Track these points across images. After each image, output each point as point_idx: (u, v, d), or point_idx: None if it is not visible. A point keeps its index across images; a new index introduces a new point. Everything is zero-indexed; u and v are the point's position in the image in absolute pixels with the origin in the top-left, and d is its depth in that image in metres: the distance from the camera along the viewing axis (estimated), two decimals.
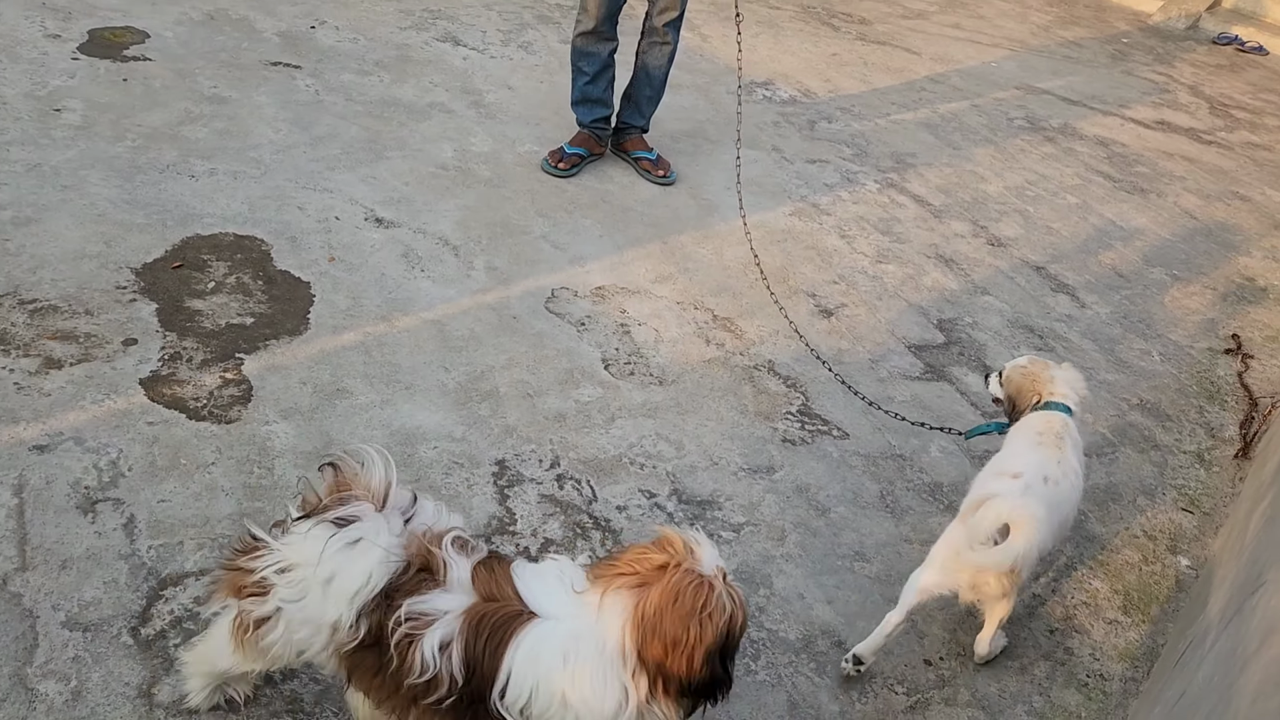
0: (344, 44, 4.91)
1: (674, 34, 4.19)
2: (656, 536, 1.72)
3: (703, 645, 1.60)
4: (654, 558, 1.67)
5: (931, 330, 3.77)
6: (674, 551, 1.66)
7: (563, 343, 3.28)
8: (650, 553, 1.68)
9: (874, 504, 2.91)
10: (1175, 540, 3.03)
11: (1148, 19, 8.65)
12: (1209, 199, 5.37)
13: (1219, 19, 8.63)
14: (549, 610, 1.67)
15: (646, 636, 1.60)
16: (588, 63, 4.21)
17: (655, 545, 1.70)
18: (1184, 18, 8.56)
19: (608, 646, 1.62)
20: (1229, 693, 1.46)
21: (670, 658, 1.60)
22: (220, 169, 3.72)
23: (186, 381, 2.77)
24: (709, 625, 1.61)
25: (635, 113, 4.41)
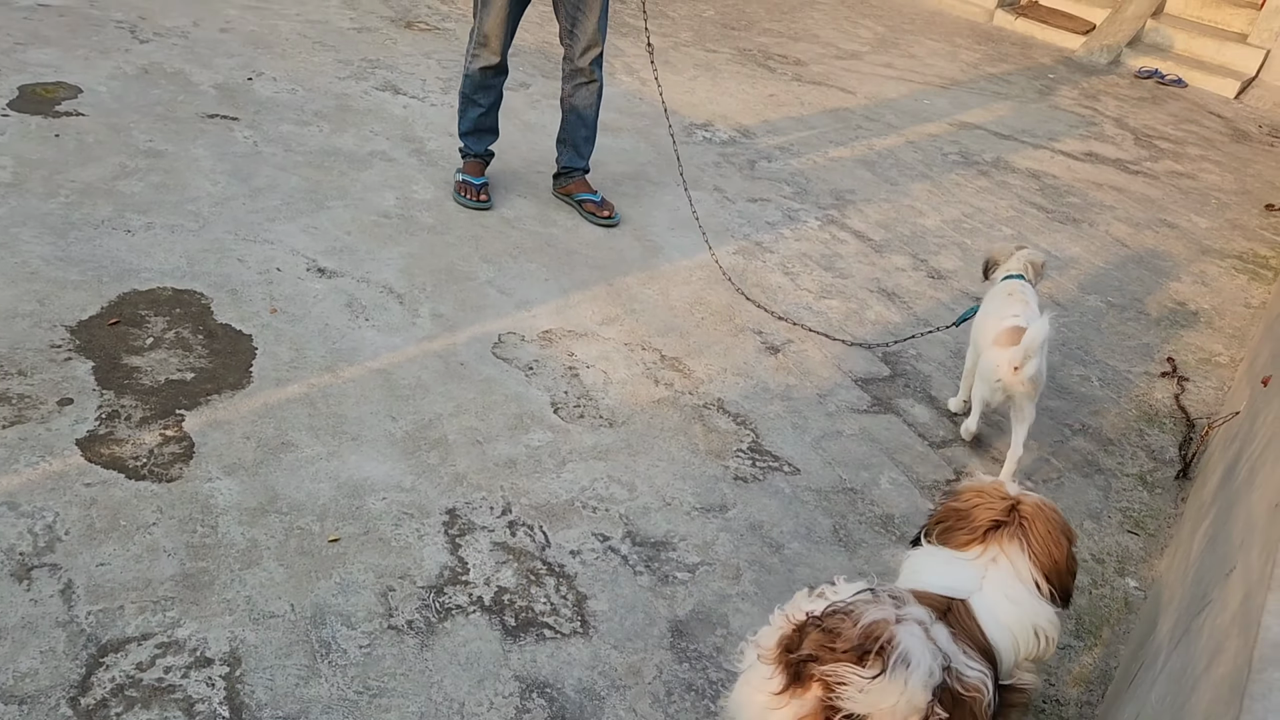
0: (282, 95, 4.89)
1: (598, 71, 4.25)
2: (959, 491, 2.18)
3: (1071, 551, 2.07)
4: (984, 510, 2.09)
5: (877, 364, 3.81)
6: (992, 495, 2.12)
7: (511, 388, 3.26)
8: (974, 506, 2.11)
9: (827, 539, 2.92)
10: (1123, 562, 3.07)
11: (1072, 54, 8.94)
12: (1138, 227, 5.54)
13: (1139, 53, 8.96)
14: (964, 588, 1.98)
15: (1050, 566, 2.03)
16: (485, 95, 4.25)
17: (967, 499, 2.14)
18: (1106, 52, 8.87)
19: (1027, 582, 2.02)
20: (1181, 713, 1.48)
21: (1060, 571, 2.05)
22: (157, 223, 3.67)
23: (125, 440, 2.70)
24: (1068, 533, 2.09)
25: (575, 155, 4.44)
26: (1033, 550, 2.04)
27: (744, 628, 2.56)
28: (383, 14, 6.25)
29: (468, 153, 4.38)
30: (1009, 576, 2.03)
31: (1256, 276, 5.25)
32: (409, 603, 2.43)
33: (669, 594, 2.62)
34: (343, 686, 2.20)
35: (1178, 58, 8.97)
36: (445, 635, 2.37)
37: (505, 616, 2.45)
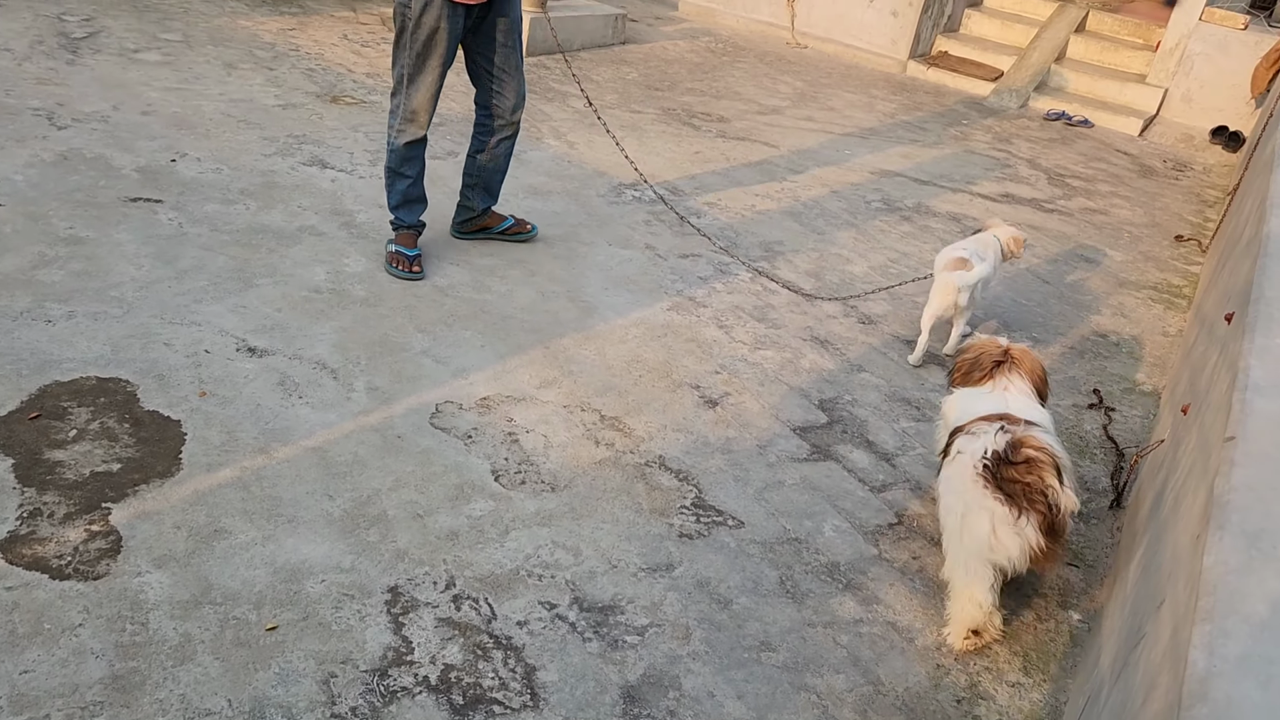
0: (207, 175, 4.85)
1: (520, 120, 4.48)
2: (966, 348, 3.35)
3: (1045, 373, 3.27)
4: (987, 356, 3.22)
5: (814, 411, 3.85)
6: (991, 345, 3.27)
7: (450, 458, 3.23)
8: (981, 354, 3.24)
9: (775, 591, 2.92)
10: (1065, 595, 3.12)
11: (983, 100, 9.26)
12: (1056, 263, 5.71)
13: (1047, 96, 9.31)
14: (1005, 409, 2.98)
15: (1038, 382, 3.18)
16: (411, 166, 4.32)
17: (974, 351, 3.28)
18: (1015, 97, 9.20)
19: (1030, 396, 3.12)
20: None
21: (1043, 387, 3.21)
22: (79, 311, 3.60)
23: (49, 539, 2.61)
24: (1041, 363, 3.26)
25: (486, 195, 4.65)
26: (1027, 377, 3.15)
27: (697, 689, 2.54)
28: (308, 89, 6.26)
29: (399, 224, 4.39)
30: (1021, 394, 3.09)
31: (1172, 305, 5.43)
32: (352, 688, 2.37)
33: (619, 659, 2.59)
34: None
35: (1083, 99, 9.34)
36: None
37: (453, 695, 2.40)
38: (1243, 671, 1.25)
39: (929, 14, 9.78)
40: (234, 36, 7.03)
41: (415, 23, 4.00)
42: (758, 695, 2.56)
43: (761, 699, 2.55)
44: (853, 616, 2.87)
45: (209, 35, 6.94)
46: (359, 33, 7.74)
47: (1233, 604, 1.37)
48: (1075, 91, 9.53)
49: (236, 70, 6.35)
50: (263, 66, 6.52)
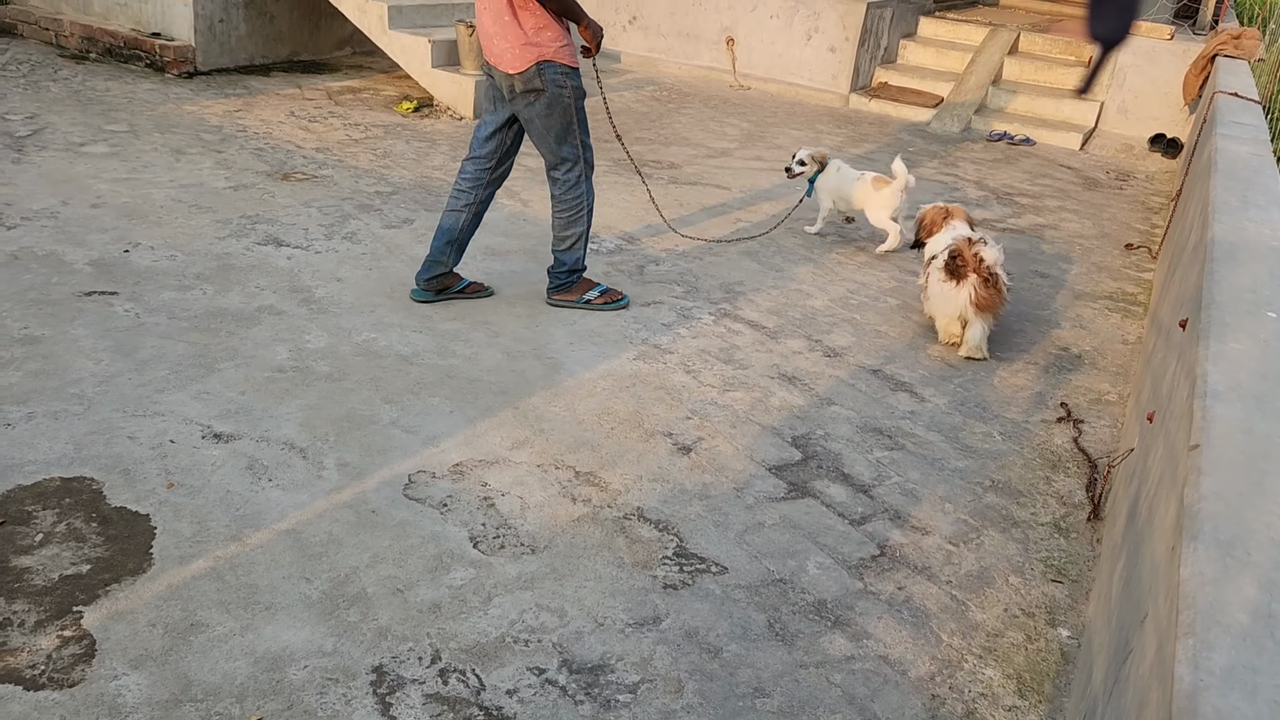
0: (161, 262, 4.83)
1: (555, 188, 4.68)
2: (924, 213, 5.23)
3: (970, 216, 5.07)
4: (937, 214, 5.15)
5: (788, 449, 3.86)
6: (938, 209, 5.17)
7: (427, 528, 3.20)
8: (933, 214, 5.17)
9: (764, 635, 2.90)
10: (1052, 613, 3.12)
11: (926, 127, 9.44)
12: (1014, 280, 5.79)
13: (987, 118, 9.51)
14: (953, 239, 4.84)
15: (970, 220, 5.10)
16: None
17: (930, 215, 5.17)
18: (956, 121, 9.40)
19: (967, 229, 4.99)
20: None
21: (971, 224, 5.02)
22: (38, 411, 3.55)
23: (20, 649, 2.55)
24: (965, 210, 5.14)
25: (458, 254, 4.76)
26: (964, 219, 5.05)
27: None
28: (258, 169, 6.27)
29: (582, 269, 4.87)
30: (964, 228, 4.94)
31: (1129, 314, 5.52)
32: None
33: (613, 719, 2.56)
34: None
35: (1023, 118, 9.55)
36: None
37: None
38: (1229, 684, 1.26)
39: (865, 47, 10.00)
40: (180, 122, 7.04)
41: (576, 98, 4.48)
42: None
43: None
44: (844, 654, 2.86)
45: (155, 123, 6.94)
46: (305, 109, 7.77)
47: (1213, 615, 1.38)
48: (1014, 111, 9.75)
49: (185, 155, 6.35)
50: (211, 150, 6.53)
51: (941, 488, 3.72)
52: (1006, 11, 12.88)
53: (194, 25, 8.22)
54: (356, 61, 9.60)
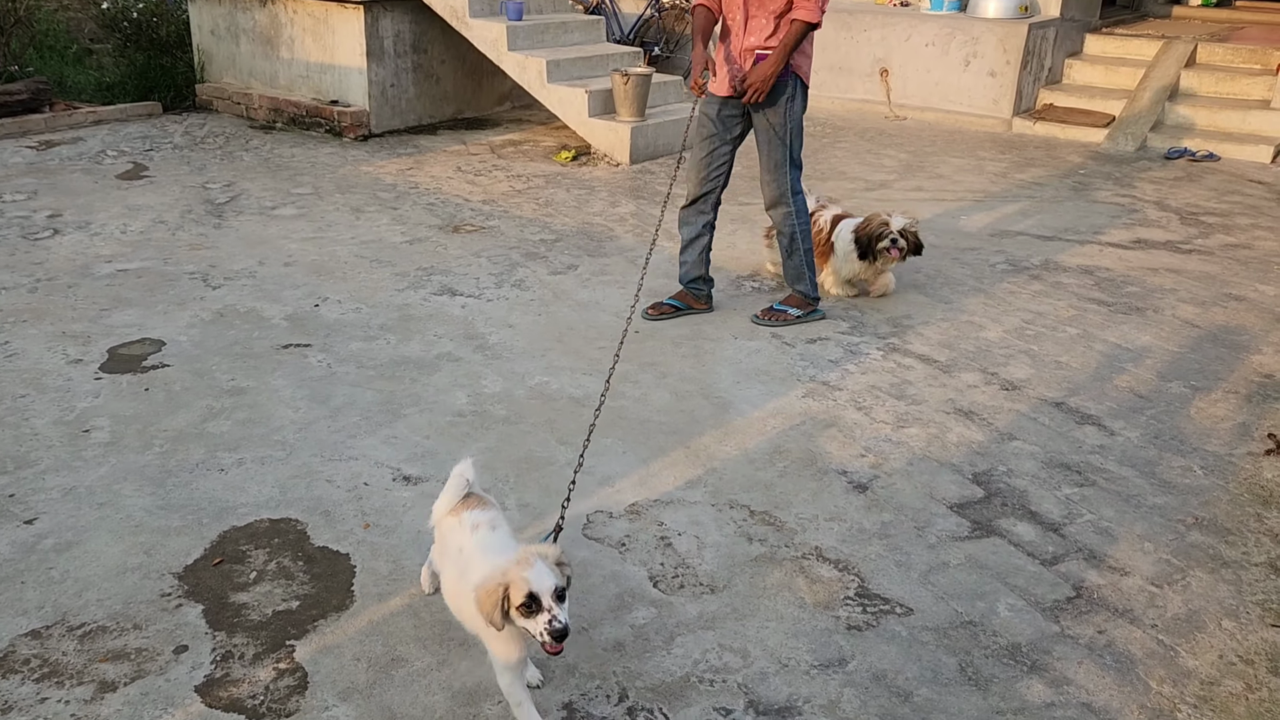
0: (348, 315, 5.13)
1: (784, 222, 5.12)
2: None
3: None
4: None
5: (969, 486, 3.74)
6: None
7: (607, 567, 3.25)
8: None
9: (955, 679, 2.80)
10: (1274, 660, 2.89)
11: (1097, 148, 9.05)
12: (1205, 305, 5.46)
13: (1164, 135, 9.04)
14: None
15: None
16: (685, 231, 5.17)
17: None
18: (1131, 140, 8.97)
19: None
20: None
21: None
22: (247, 457, 3.81)
23: (241, 680, 2.73)
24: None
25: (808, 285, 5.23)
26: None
27: None
28: (430, 223, 6.59)
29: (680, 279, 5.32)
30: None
31: None
32: None
33: None
34: None
35: (1204, 133, 9.03)
36: None
37: None
38: None
39: (1028, 69, 9.70)
40: (358, 182, 7.48)
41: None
42: None
43: None
44: (1043, 700, 2.73)
45: (335, 184, 7.41)
46: (470, 163, 8.13)
47: None
48: (1195, 126, 9.23)
49: (364, 213, 6.74)
50: (387, 207, 6.91)
51: (1139, 525, 3.51)
52: (1180, 23, 12.25)
53: (368, 91, 8.76)
54: (516, 115, 10.00)
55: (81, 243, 6.00)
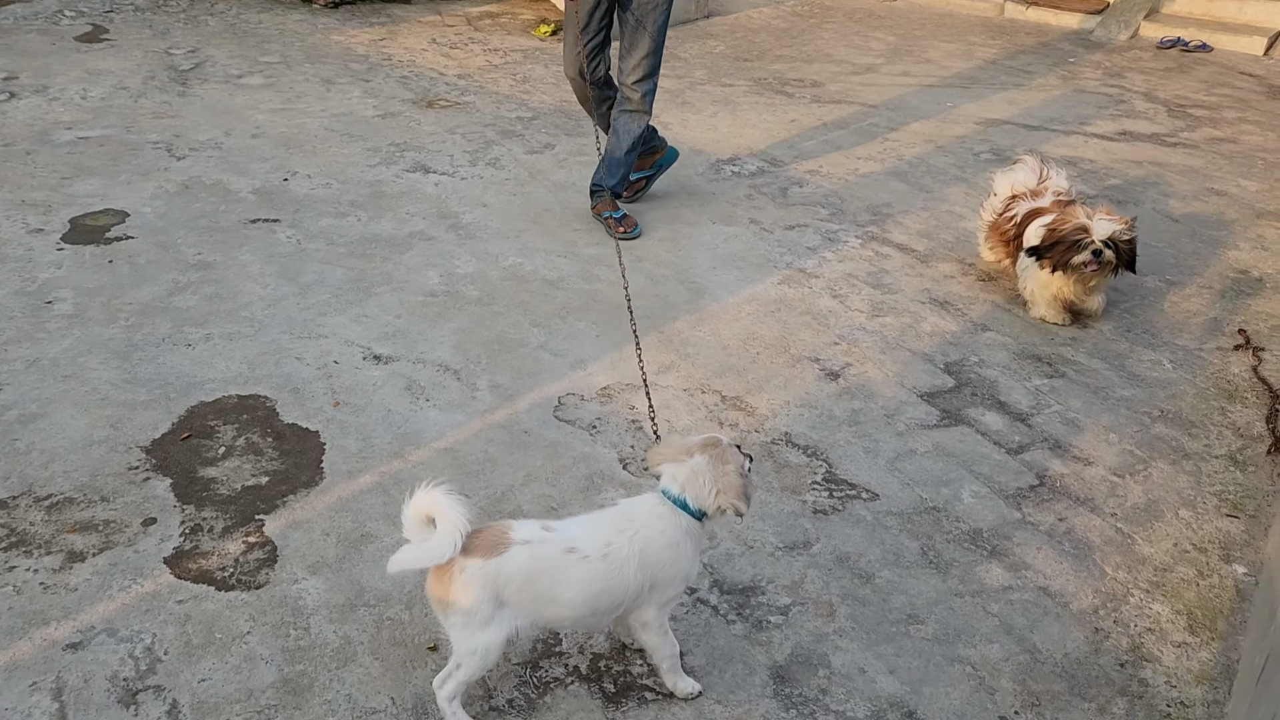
0: (318, 190, 5.00)
1: (644, 102, 4.60)
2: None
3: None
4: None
5: (940, 376, 3.75)
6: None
7: (578, 449, 3.26)
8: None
9: (917, 562, 2.86)
10: (1226, 548, 2.97)
11: (1089, 35, 8.84)
12: (1186, 199, 5.42)
13: (1158, 24, 8.83)
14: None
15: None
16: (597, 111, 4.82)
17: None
18: (1123, 27, 8.76)
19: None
20: None
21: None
22: (215, 333, 3.76)
23: (210, 553, 2.74)
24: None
25: (604, 174, 4.75)
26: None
27: (847, 666, 2.51)
28: (404, 97, 6.39)
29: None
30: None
31: None
32: (506, 682, 2.42)
33: (765, 640, 2.58)
34: None
35: (1199, 22, 8.82)
36: (546, 710, 2.35)
37: (604, 683, 2.43)
38: None
39: None
40: (329, 52, 7.21)
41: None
42: (910, 669, 2.51)
43: (914, 673, 2.50)
44: (1001, 584, 2.79)
45: (305, 54, 7.14)
46: (446, 35, 7.85)
47: None
48: (1189, 15, 9.01)
49: (335, 85, 6.52)
50: (359, 79, 6.68)
51: (1106, 417, 3.55)
52: None
53: None
54: None
55: (39, 107, 5.78)
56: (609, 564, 2.16)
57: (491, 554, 2.11)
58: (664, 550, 2.20)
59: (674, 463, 2.27)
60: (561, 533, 2.20)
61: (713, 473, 2.22)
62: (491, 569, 2.10)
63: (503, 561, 2.11)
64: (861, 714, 2.38)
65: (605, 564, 2.16)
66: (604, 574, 2.16)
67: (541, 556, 2.14)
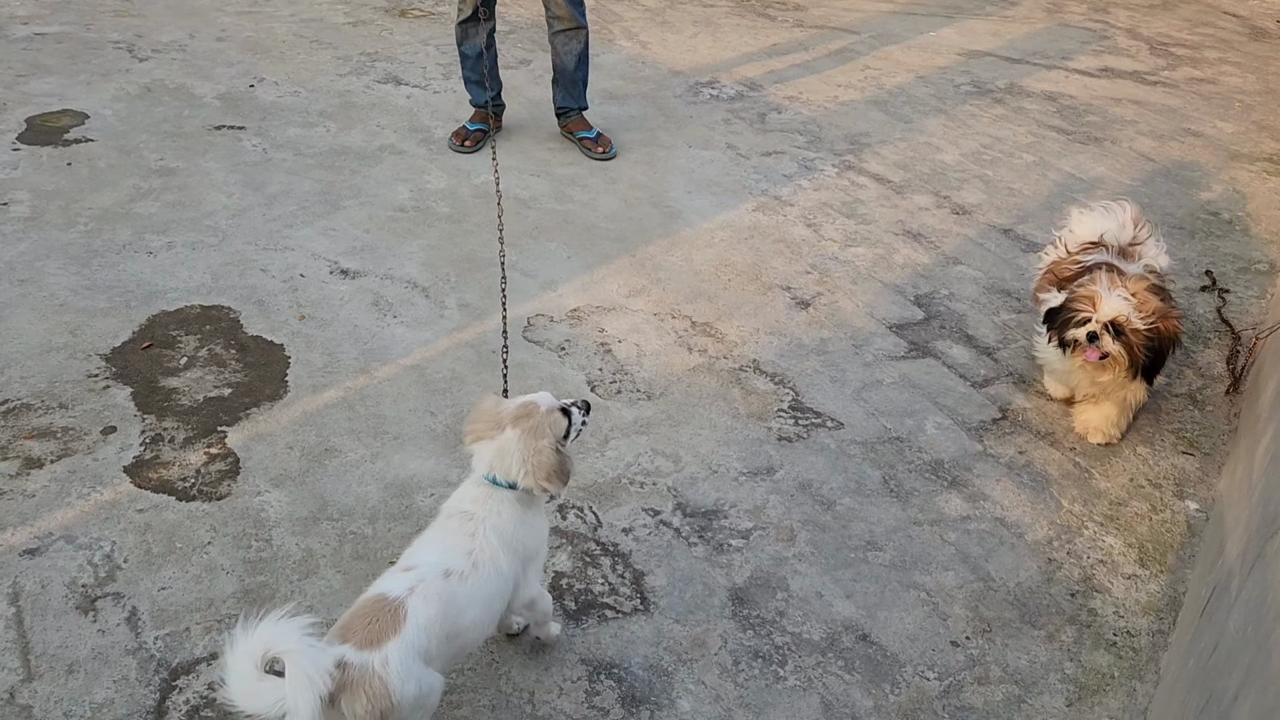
0: (285, 98, 4.86)
1: (580, 16, 4.38)
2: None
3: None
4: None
5: (910, 308, 3.76)
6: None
7: (545, 370, 3.25)
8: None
9: (878, 491, 2.90)
10: (1180, 485, 3.03)
11: None
12: (1162, 139, 5.41)
13: None
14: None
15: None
16: (468, 47, 4.45)
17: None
18: None
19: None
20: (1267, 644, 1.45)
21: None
22: (177, 241, 3.67)
23: (171, 463, 2.72)
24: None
25: (566, 95, 4.61)
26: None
27: (805, 590, 2.55)
28: (376, 4, 6.20)
29: (472, 103, 4.66)
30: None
31: None
32: None
33: (725, 562, 2.61)
34: None
35: None
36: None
37: (565, 601, 2.46)
38: None
39: None
40: None
41: None
42: (866, 594, 2.56)
43: (870, 598, 2.55)
44: (959, 514, 2.84)
45: None
46: None
47: None
48: None
49: None
50: None
51: None
52: None
53: None
54: None
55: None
56: (484, 569, 1.97)
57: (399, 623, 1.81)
58: (517, 529, 2.03)
59: (485, 440, 2.05)
60: (426, 563, 1.94)
61: (522, 450, 2.00)
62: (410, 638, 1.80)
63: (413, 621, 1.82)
64: (817, 636, 2.43)
65: (481, 570, 1.96)
66: (486, 580, 1.97)
67: (434, 595, 1.88)
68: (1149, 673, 2.40)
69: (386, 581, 1.90)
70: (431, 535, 2.03)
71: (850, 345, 3.52)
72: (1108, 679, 2.39)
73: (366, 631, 1.78)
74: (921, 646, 2.43)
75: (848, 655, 2.39)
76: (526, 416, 2.04)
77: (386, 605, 1.82)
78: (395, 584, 1.88)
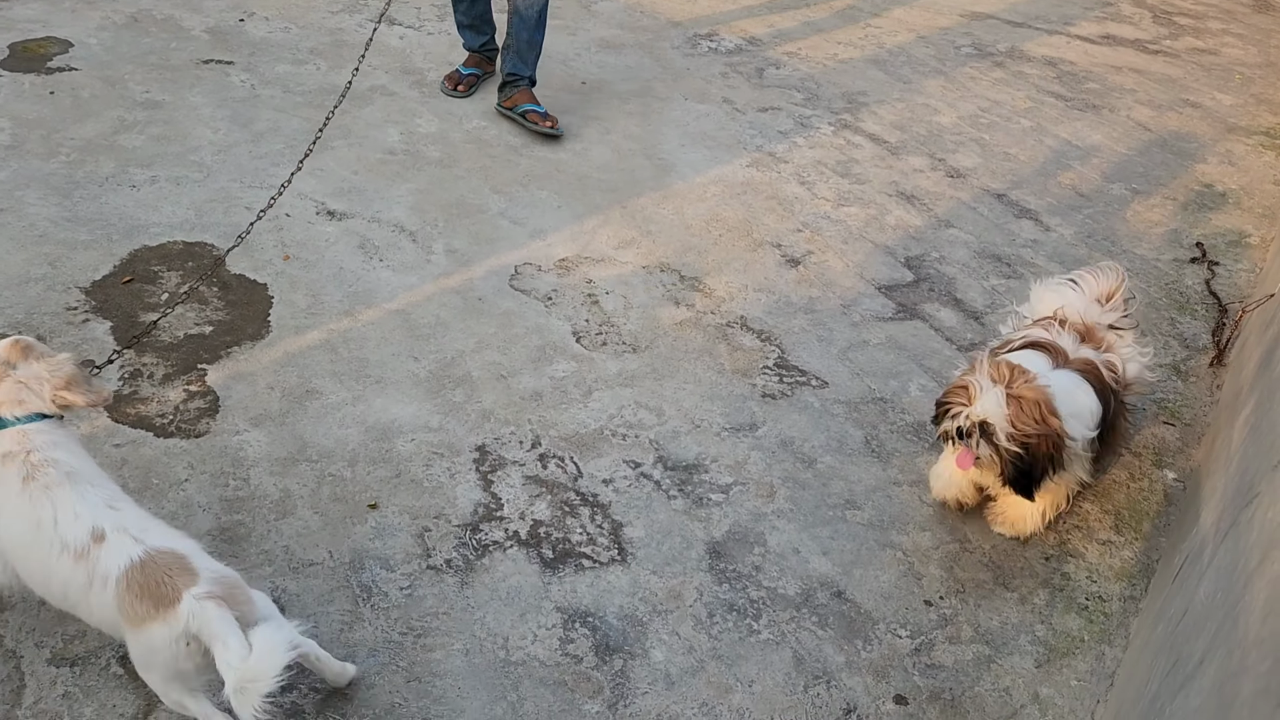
0: (275, 35, 4.77)
1: None
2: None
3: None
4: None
5: (900, 269, 3.74)
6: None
7: (531, 319, 3.23)
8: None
9: (859, 450, 2.90)
10: (1160, 454, 3.04)
11: None
12: (1161, 109, 5.37)
13: None
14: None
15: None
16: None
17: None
18: None
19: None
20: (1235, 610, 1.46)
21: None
22: (161, 176, 3.62)
23: (150, 399, 2.70)
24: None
25: (519, 61, 4.23)
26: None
27: (782, 546, 2.56)
28: None
29: (466, 47, 4.59)
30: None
31: None
32: (446, 542, 2.44)
33: (704, 516, 2.62)
34: (386, 629, 2.23)
35: None
36: (484, 572, 2.38)
37: (543, 549, 2.46)
38: None
39: None
40: None
41: None
42: (843, 552, 2.57)
43: (846, 555, 2.56)
44: None
45: None
46: None
47: None
48: None
49: None
50: None
51: None
52: None
53: None
54: None
55: None
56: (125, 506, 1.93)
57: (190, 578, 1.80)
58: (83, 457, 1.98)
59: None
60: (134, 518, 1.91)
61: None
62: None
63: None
64: (792, 591, 2.44)
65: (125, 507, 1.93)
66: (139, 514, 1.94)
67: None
68: (1118, 637, 2.43)
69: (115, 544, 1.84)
70: (89, 495, 1.91)
71: (839, 305, 3.50)
72: (1077, 642, 2.41)
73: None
74: (895, 605, 2.45)
75: (822, 611, 2.41)
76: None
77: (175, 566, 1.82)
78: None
